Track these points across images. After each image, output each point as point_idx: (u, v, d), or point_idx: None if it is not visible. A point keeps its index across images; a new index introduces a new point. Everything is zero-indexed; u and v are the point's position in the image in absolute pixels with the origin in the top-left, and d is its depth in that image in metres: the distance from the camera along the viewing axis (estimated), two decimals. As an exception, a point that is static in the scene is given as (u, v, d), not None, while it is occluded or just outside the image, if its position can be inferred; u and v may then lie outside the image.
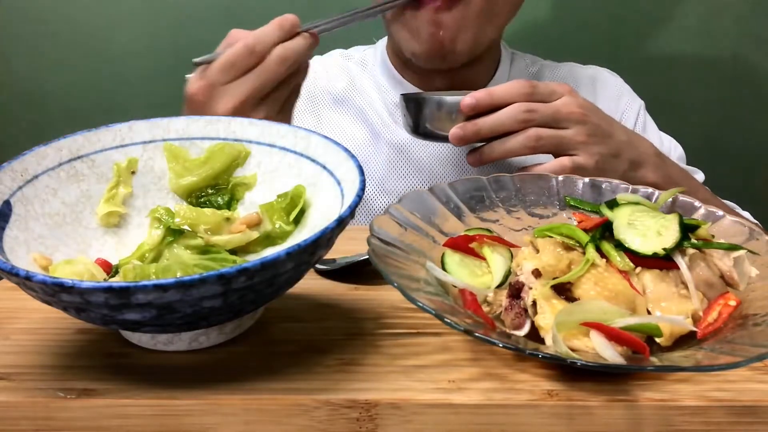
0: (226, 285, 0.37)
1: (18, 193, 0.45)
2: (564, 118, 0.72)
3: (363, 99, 0.96)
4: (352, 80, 0.98)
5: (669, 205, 0.55)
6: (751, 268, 0.47)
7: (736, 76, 1.30)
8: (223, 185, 0.52)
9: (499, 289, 0.46)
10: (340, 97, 0.97)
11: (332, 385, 0.40)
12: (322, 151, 0.49)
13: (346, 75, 0.99)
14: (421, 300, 0.40)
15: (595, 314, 0.40)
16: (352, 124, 0.96)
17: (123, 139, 0.51)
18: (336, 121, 0.96)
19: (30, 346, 0.45)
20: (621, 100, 1.00)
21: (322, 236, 0.39)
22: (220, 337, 0.44)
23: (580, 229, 0.47)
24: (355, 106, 0.96)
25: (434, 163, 0.93)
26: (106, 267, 0.47)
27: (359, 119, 0.96)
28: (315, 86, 0.97)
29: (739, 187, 0.87)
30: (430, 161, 0.93)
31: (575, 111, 0.73)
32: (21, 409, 0.39)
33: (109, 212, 0.49)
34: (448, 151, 0.93)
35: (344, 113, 0.97)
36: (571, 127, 0.73)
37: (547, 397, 0.39)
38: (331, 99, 0.97)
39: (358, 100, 0.96)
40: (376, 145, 0.94)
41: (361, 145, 0.94)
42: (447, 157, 0.94)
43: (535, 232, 0.47)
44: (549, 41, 1.26)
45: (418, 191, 0.53)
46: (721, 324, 0.43)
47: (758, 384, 0.40)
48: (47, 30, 1.30)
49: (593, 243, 0.45)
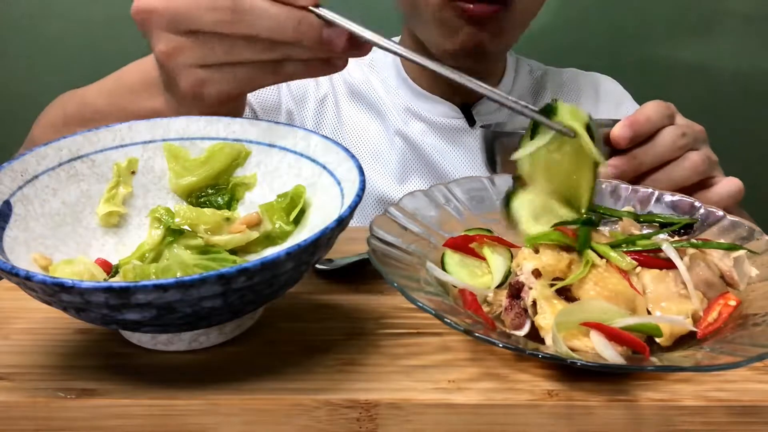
0: (226, 285, 0.37)
1: (18, 193, 0.45)
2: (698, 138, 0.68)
3: (376, 95, 0.97)
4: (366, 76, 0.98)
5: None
6: (751, 268, 0.47)
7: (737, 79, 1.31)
8: (223, 185, 0.52)
9: (499, 289, 0.46)
10: (357, 90, 0.97)
11: (332, 385, 0.40)
12: (322, 151, 0.49)
13: (360, 71, 0.99)
14: (421, 300, 0.40)
15: (595, 314, 0.40)
16: (368, 117, 0.96)
17: (123, 139, 0.51)
18: (352, 112, 0.96)
19: (30, 346, 0.45)
20: (621, 107, 1.01)
21: (322, 236, 0.39)
22: (220, 337, 0.44)
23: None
24: (369, 100, 0.96)
25: (446, 161, 0.94)
26: (106, 267, 0.47)
27: (373, 113, 0.96)
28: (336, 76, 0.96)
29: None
30: (442, 159, 0.94)
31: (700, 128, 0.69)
32: (21, 409, 0.39)
33: (109, 212, 0.49)
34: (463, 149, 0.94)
35: (360, 106, 0.97)
36: (702, 146, 0.69)
37: (547, 397, 0.39)
38: (349, 91, 0.97)
39: (372, 95, 0.97)
40: (390, 138, 0.94)
41: (376, 138, 0.95)
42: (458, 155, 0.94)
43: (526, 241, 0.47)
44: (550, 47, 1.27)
45: (418, 191, 0.53)
46: (721, 324, 0.43)
47: (758, 384, 0.40)
48: (47, 30, 1.29)
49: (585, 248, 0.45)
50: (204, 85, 0.52)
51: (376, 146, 0.94)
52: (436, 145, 0.93)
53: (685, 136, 0.66)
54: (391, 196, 0.92)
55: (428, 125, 0.94)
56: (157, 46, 0.52)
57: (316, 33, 0.49)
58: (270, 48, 0.50)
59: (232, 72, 0.52)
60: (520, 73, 1.01)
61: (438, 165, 0.93)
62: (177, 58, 0.51)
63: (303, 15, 0.49)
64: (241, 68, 0.51)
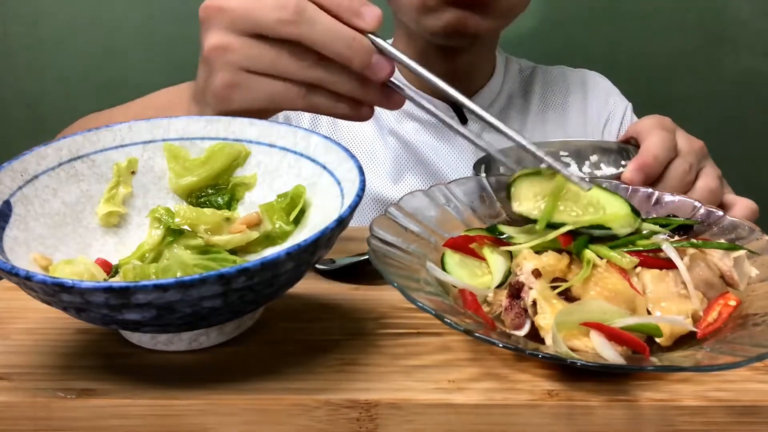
0: (226, 285, 0.37)
1: (18, 193, 0.45)
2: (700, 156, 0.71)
3: None
4: None
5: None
6: (751, 268, 0.47)
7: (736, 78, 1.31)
8: (223, 185, 0.52)
9: (499, 289, 0.46)
10: None
11: (332, 385, 0.40)
12: (322, 151, 0.49)
13: None
14: (421, 300, 0.40)
15: (595, 314, 0.41)
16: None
17: (123, 139, 0.51)
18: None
19: (30, 346, 0.45)
20: (609, 101, 1.03)
21: (322, 236, 0.39)
22: (220, 337, 0.44)
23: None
24: None
25: (440, 159, 0.95)
26: (106, 267, 0.47)
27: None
28: None
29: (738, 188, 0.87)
30: (436, 157, 0.95)
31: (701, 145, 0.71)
32: (21, 409, 0.39)
33: (109, 212, 0.49)
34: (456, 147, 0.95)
35: None
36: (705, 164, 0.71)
37: (547, 397, 0.39)
38: None
39: None
40: (384, 138, 0.96)
41: (370, 138, 0.96)
42: (453, 153, 0.95)
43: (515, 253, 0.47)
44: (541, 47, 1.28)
45: (418, 191, 0.53)
46: (721, 324, 0.43)
47: (758, 384, 0.40)
48: (47, 30, 1.30)
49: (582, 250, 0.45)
50: (236, 88, 0.54)
51: (371, 146, 0.96)
52: (429, 143, 0.95)
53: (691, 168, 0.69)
54: (385, 195, 0.93)
55: (421, 124, 0.96)
56: (209, 40, 0.54)
57: (367, 55, 0.51)
58: (314, 66, 0.52)
59: (268, 85, 0.53)
60: (510, 72, 1.02)
61: (431, 162, 0.95)
62: (224, 55, 0.53)
63: (358, 35, 0.51)
64: (277, 83, 0.53)
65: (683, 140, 0.71)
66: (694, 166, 0.70)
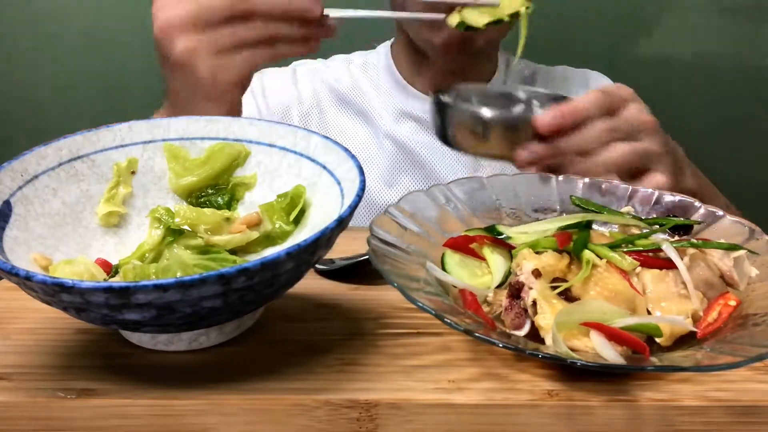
0: (226, 285, 0.37)
1: (18, 193, 0.45)
2: (641, 129, 0.65)
3: (365, 100, 0.98)
4: (355, 81, 1.00)
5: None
6: (751, 268, 0.47)
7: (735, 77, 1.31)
8: (223, 185, 0.52)
9: (499, 289, 0.46)
10: (344, 97, 0.99)
11: (332, 385, 0.40)
12: (322, 151, 0.49)
13: (349, 76, 1.00)
14: (421, 300, 0.40)
15: (595, 314, 0.41)
16: (355, 122, 0.98)
17: (123, 139, 0.51)
18: (340, 120, 0.98)
19: (30, 346, 0.45)
20: None
21: (322, 236, 0.39)
22: (220, 337, 0.44)
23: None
24: (357, 106, 0.98)
25: (437, 158, 0.95)
26: (106, 267, 0.47)
27: (361, 118, 0.98)
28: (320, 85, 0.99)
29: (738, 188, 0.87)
30: (433, 157, 0.95)
31: (648, 120, 0.66)
32: (21, 409, 0.39)
33: (109, 212, 0.49)
34: None
35: (347, 112, 0.99)
36: (645, 138, 0.65)
37: (547, 397, 0.39)
38: (336, 98, 0.99)
39: (360, 100, 0.98)
40: (379, 142, 0.96)
41: (364, 142, 0.96)
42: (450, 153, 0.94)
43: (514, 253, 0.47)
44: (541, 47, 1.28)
45: (418, 191, 0.53)
46: (721, 324, 0.43)
47: (758, 384, 0.40)
48: (47, 30, 1.29)
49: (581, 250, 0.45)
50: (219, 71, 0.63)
51: (365, 150, 0.96)
52: (426, 143, 0.95)
53: (614, 132, 0.63)
54: (379, 199, 0.93)
55: (420, 124, 0.96)
56: (179, 48, 0.62)
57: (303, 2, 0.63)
58: (264, 27, 0.63)
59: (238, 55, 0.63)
60: (511, 72, 1.02)
61: (428, 162, 0.95)
62: (198, 53, 0.62)
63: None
64: (243, 51, 0.63)
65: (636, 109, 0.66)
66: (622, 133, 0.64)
